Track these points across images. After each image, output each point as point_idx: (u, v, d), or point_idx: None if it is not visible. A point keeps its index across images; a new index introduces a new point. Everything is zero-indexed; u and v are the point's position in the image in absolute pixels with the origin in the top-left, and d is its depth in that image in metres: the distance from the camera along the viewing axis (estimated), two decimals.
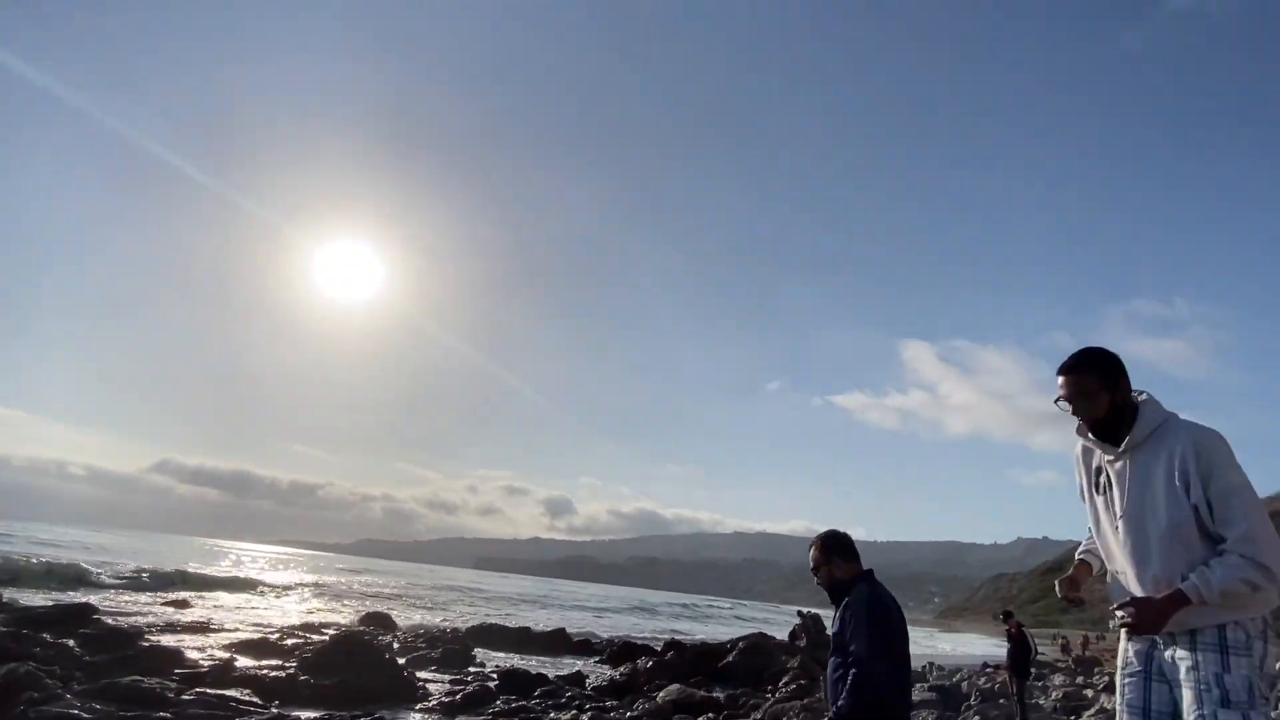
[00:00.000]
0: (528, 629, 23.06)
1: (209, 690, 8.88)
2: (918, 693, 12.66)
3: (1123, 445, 2.62)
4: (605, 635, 26.38)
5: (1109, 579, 2.74)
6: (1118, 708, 2.71)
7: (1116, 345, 2.83)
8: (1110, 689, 14.28)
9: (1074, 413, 2.70)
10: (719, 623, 48.94)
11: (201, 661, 11.37)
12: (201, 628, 16.46)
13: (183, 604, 22.15)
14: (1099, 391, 2.64)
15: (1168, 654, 2.55)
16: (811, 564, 3.45)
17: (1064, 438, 2.98)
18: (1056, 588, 2.91)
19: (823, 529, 3.59)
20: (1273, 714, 2.32)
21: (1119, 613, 2.58)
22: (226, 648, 13.47)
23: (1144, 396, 2.67)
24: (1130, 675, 2.66)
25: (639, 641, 22.60)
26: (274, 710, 8.52)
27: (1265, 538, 2.40)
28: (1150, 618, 2.47)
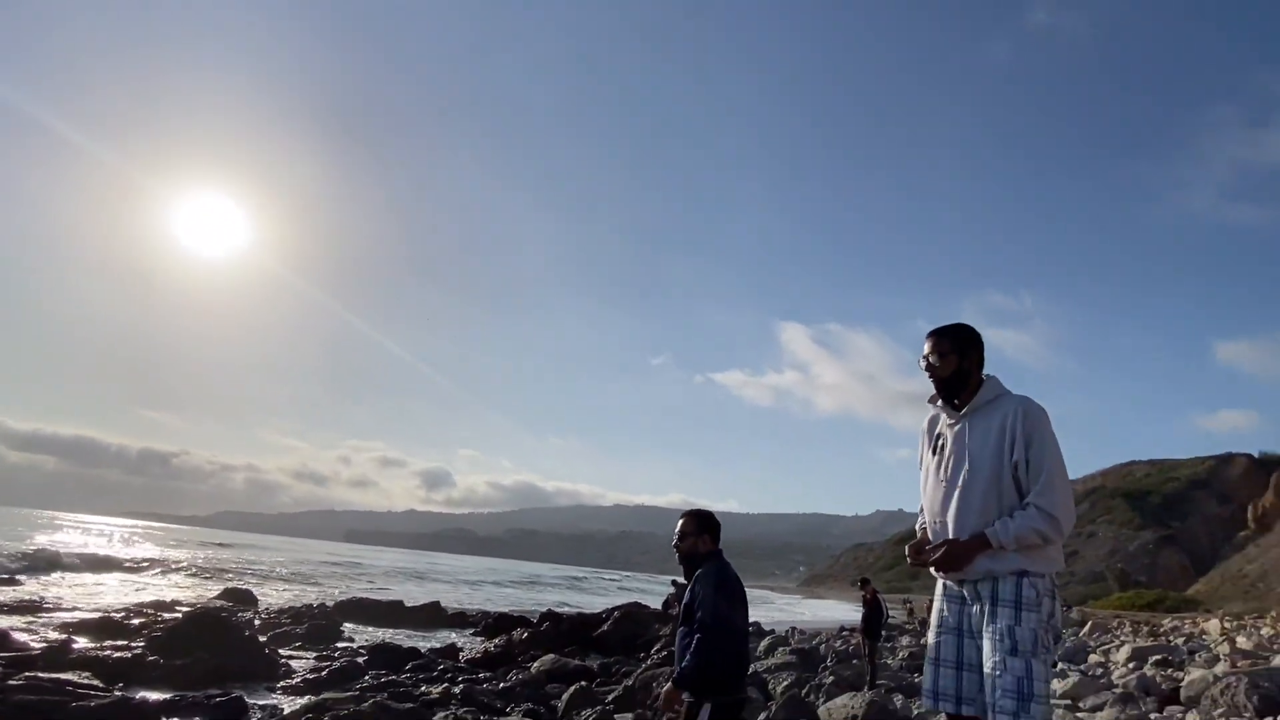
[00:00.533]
0: (400, 603, 22.57)
1: (41, 674, 8.17)
2: (779, 655, 13.36)
3: (964, 410, 2.99)
4: (482, 608, 26.24)
5: (930, 531, 3.07)
6: (927, 661, 2.99)
7: None
8: None
9: (927, 369, 3.06)
10: (599, 594, 49.58)
11: (32, 644, 10.45)
12: (32, 607, 15.12)
13: (10, 581, 20.24)
14: (950, 353, 3.00)
15: (973, 609, 2.88)
16: (680, 532, 3.62)
17: (922, 416, 3.27)
18: (906, 552, 3.23)
19: (699, 502, 3.86)
20: (1055, 658, 2.68)
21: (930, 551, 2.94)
22: (62, 628, 12.45)
23: (989, 376, 3.05)
24: (946, 632, 2.95)
25: (515, 614, 22.64)
26: (117, 693, 7.96)
27: (1060, 493, 2.78)
28: (955, 554, 2.83)
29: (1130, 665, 12.21)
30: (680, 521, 3.66)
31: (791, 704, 6.91)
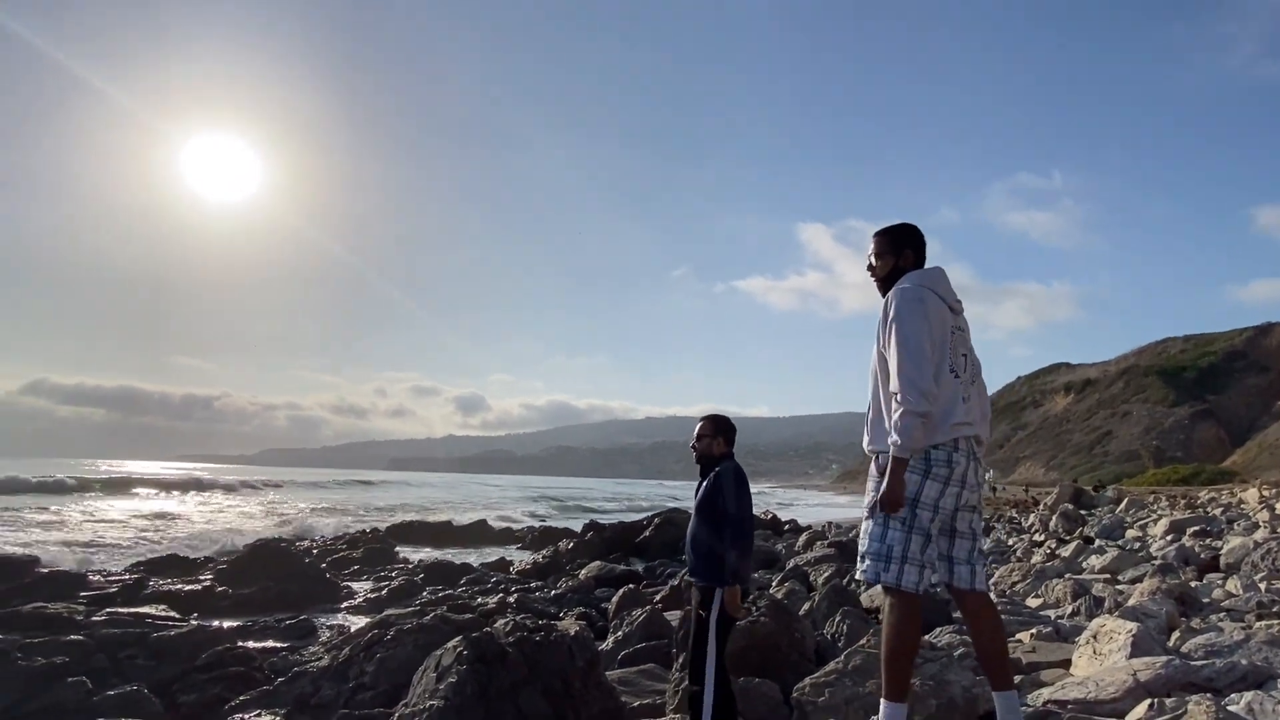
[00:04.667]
0: (448, 523, 23.44)
1: (121, 609, 8.68)
2: (817, 549, 13.70)
3: None
4: (527, 524, 27.13)
5: None
6: None
7: (997, 219, 3.13)
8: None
9: (868, 269, 3.16)
10: (640, 502, 50.86)
11: (108, 583, 11.04)
12: (104, 549, 15.89)
13: (73, 525, 21.24)
14: (887, 253, 3.10)
15: None
16: (697, 434, 3.86)
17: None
18: None
19: (729, 409, 3.96)
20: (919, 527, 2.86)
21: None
22: (133, 568, 13.11)
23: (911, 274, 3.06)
24: None
25: (559, 526, 23.40)
26: (193, 621, 8.44)
27: (903, 375, 2.80)
28: (892, 498, 2.85)
29: (1168, 538, 12.34)
30: (699, 425, 3.89)
31: (834, 593, 7.09)
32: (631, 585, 10.29)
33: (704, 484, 3.74)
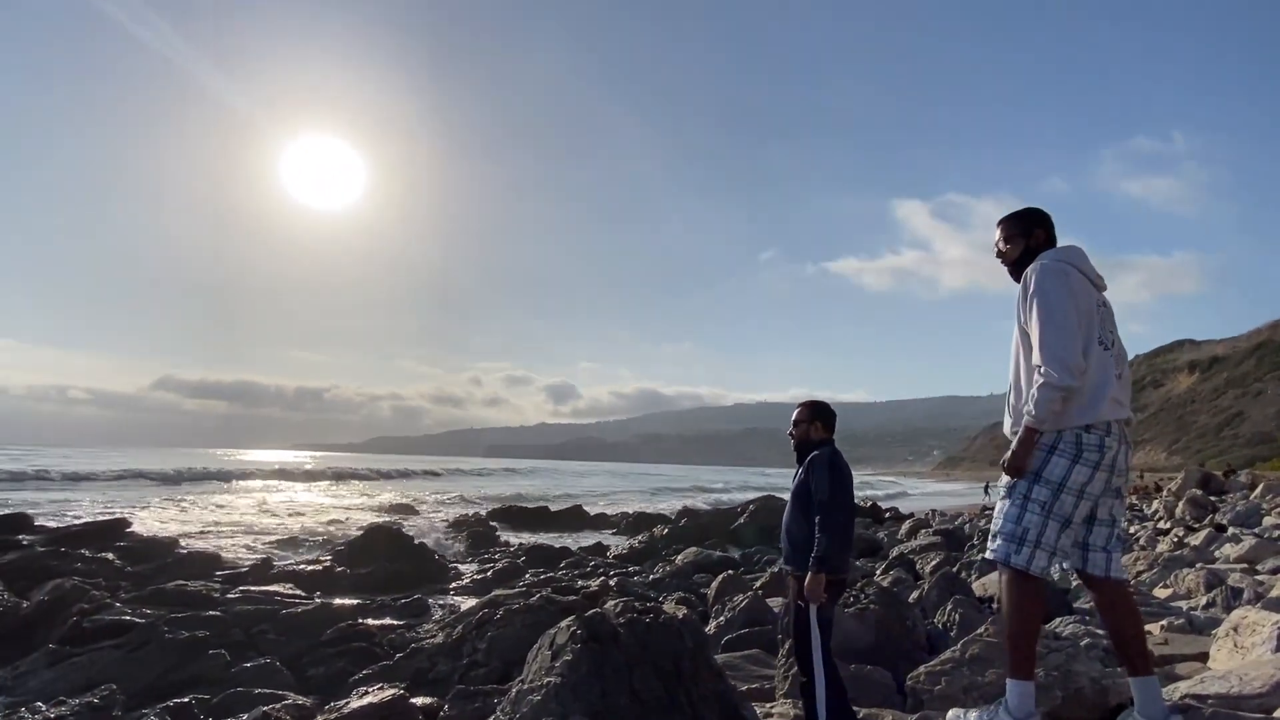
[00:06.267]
0: (546, 508, 24.04)
1: (252, 588, 9.32)
2: (922, 537, 13.33)
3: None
4: (620, 509, 27.52)
5: None
6: None
7: (1111, 186, 2.96)
8: None
9: (998, 255, 3.12)
10: (733, 490, 50.74)
11: (240, 562, 11.89)
12: (233, 531, 17.11)
13: (207, 509, 22.91)
14: (1016, 236, 3.06)
15: None
16: (794, 420, 3.80)
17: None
18: None
19: (823, 394, 3.84)
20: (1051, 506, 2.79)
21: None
22: (261, 548, 14.07)
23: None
24: None
25: (653, 512, 23.61)
26: (317, 599, 8.99)
27: (1047, 346, 2.73)
28: (1018, 464, 2.83)
29: None
30: (795, 410, 3.82)
31: (944, 581, 6.89)
32: (729, 572, 10.30)
33: (800, 471, 3.66)
